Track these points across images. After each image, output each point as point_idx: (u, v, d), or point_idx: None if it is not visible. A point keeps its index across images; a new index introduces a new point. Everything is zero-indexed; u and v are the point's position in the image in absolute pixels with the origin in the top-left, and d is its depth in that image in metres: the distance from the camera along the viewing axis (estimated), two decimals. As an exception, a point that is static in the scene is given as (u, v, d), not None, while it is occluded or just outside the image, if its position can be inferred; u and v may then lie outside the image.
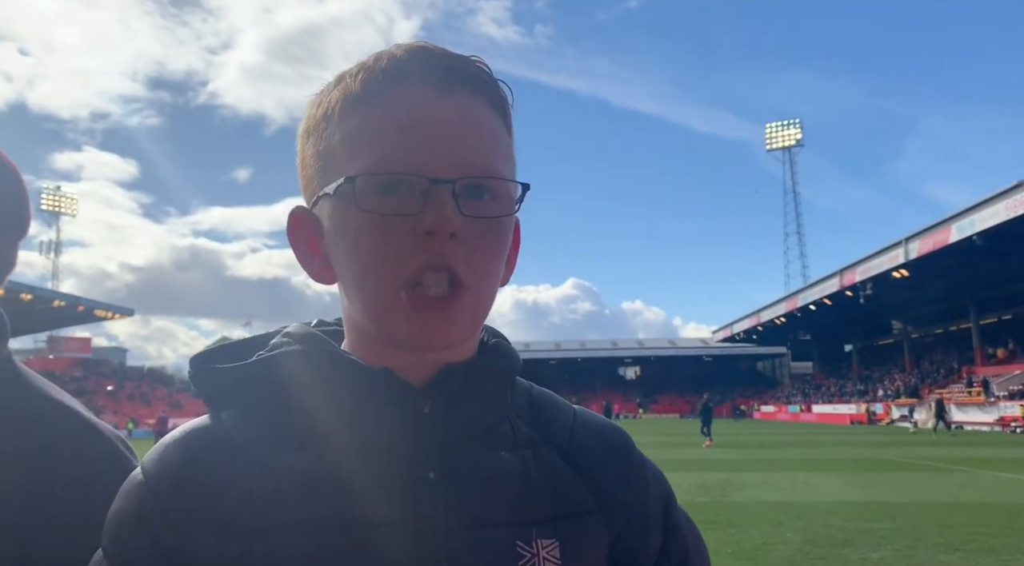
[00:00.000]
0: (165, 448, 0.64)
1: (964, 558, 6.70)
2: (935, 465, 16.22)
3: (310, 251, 0.68)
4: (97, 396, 56.80)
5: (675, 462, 17.90)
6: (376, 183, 0.60)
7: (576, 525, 0.66)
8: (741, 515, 9.38)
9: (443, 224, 0.59)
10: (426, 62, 0.62)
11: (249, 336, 0.74)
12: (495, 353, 0.69)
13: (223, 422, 0.65)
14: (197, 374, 0.69)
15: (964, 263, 38.08)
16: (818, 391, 64.20)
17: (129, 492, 0.64)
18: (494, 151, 0.64)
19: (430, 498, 0.61)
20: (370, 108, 0.62)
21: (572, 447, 0.70)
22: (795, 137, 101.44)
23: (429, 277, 0.60)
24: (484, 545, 0.61)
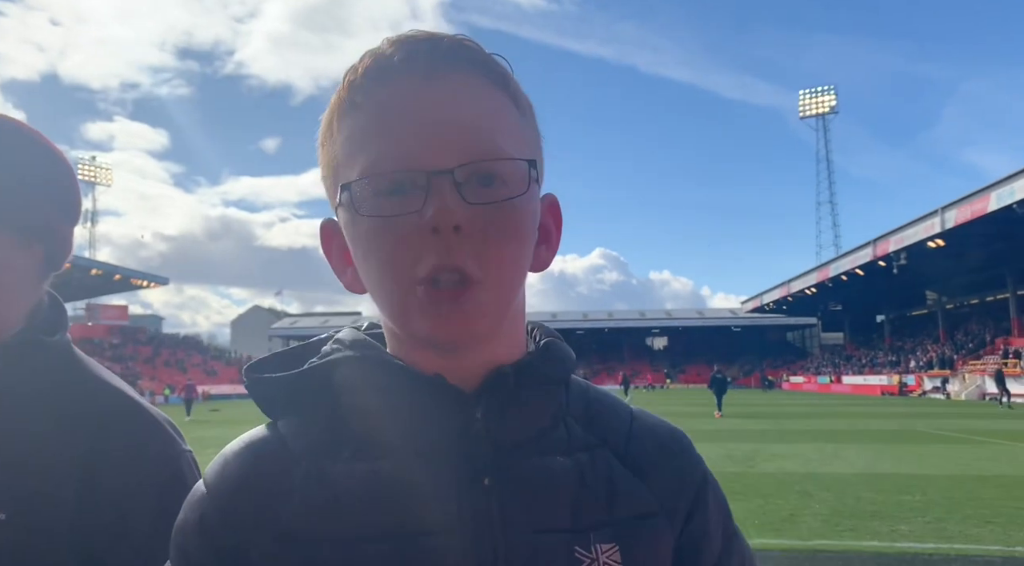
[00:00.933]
0: (225, 460, 0.65)
1: (995, 531, 6.66)
2: (967, 437, 16.04)
3: (344, 262, 0.67)
4: (135, 362, 58.21)
5: (703, 432, 17.92)
6: (372, 186, 0.59)
7: (638, 528, 0.64)
8: (769, 486, 9.40)
9: (444, 218, 0.56)
10: (408, 51, 0.60)
11: (305, 342, 0.74)
12: (547, 354, 0.67)
13: (280, 431, 0.66)
14: (252, 384, 0.69)
15: (1003, 232, 37.17)
16: (848, 362, 63.56)
17: (192, 504, 0.65)
18: (494, 130, 0.60)
19: (485, 505, 0.60)
20: (359, 111, 0.61)
21: (630, 449, 0.69)
22: (829, 104, 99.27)
23: (443, 277, 0.58)
24: (541, 551, 0.60)
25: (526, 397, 0.64)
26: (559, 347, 0.69)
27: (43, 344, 0.93)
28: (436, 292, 0.58)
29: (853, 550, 6.08)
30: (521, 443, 0.64)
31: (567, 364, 0.69)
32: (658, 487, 0.68)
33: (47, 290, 1.00)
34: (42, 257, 0.96)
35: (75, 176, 1.00)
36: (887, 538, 6.48)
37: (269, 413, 0.69)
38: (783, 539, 6.49)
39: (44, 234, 0.95)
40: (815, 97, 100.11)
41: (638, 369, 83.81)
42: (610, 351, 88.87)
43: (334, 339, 0.70)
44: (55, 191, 0.97)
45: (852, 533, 6.68)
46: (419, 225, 0.57)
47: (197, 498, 0.65)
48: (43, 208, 0.95)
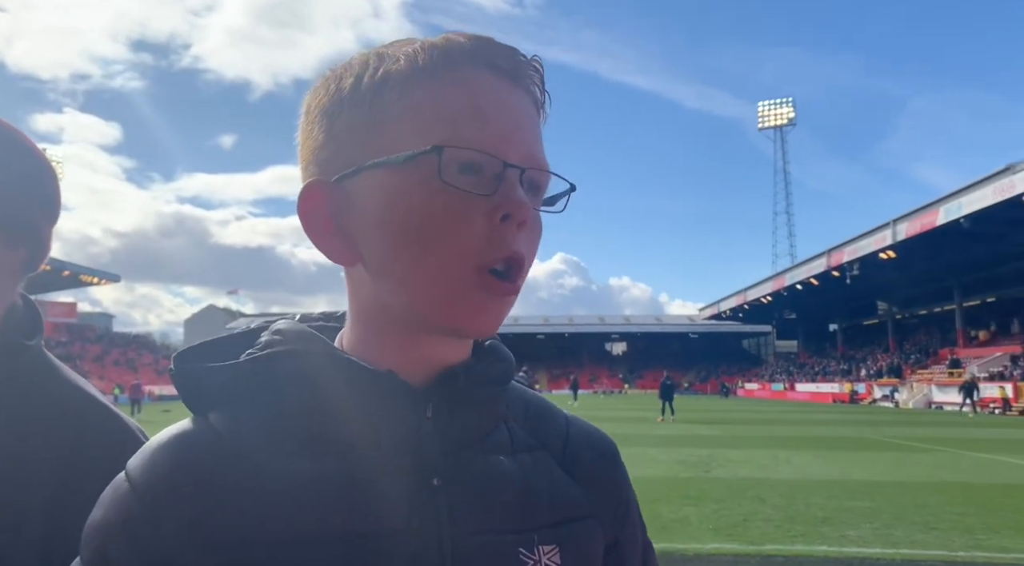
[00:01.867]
0: (152, 453, 0.60)
1: (940, 537, 6.85)
2: (915, 445, 16.48)
3: (325, 228, 0.63)
4: (83, 361, 56.65)
5: (659, 437, 18.10)
6: (457, 158, 0.57)
7: (575, 530, 0.66)
8: (724, 491, 9.52)
9: (520, 210, 0.57)
10: (497, 52, 0.61)
11: (237, 330, 0.70)
12: (493, 355, 0.68)
13: (214, 425, 0.61)
14: (182, 373, 0.64)
15: (950, 245, 38.39)
16: (802, 370, 64.84)
17: (115, 501, 0.58)
18: (543, 149, 0.63)
19: (434, 505, 0.60)
20: (441, 84, 0.59)
21: (567, 453, 0.71)
22: (787, 116, 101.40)
23: (500, 265, 0.58)
24: (488, 551, 0.60)
25: (474, 398, 0.64)
26: (502, 349, 0.70)
27: (23, 348, 0.91)
28: (498, 284, 0.58)
29: (804, 555, 6.19)
30: (468, 443, 0.64)
31: (510, 366, 0.69)
32: (593, 491, 0.70)
33: (20, 292, 0.97)
34: (25, 258, 0.94)
35: (55, 175, 0.97)
36: (836, 543, 6.61)
37: (196, 406, 0.64)
38: (736, 544, 6.57)
39: (28, 234, 0.93)
40: (774, 109, 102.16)
41: (597, 374, 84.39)
42: (570, 356, 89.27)
43: (274, 330, 0.66)
44: (38, 190, 0.95)
45: (803, 538, 6.80)
46: (490, 210, 0.57)
47: (120, 495, 0.58)
48: (29, 208, 0.93)
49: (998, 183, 30.46)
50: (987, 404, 33.62)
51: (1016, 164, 30.43)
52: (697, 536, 6.89)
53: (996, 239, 36.23)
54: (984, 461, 13.25)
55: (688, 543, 6.58)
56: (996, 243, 37.25)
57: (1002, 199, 29.83)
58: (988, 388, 34.79)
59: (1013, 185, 29.20)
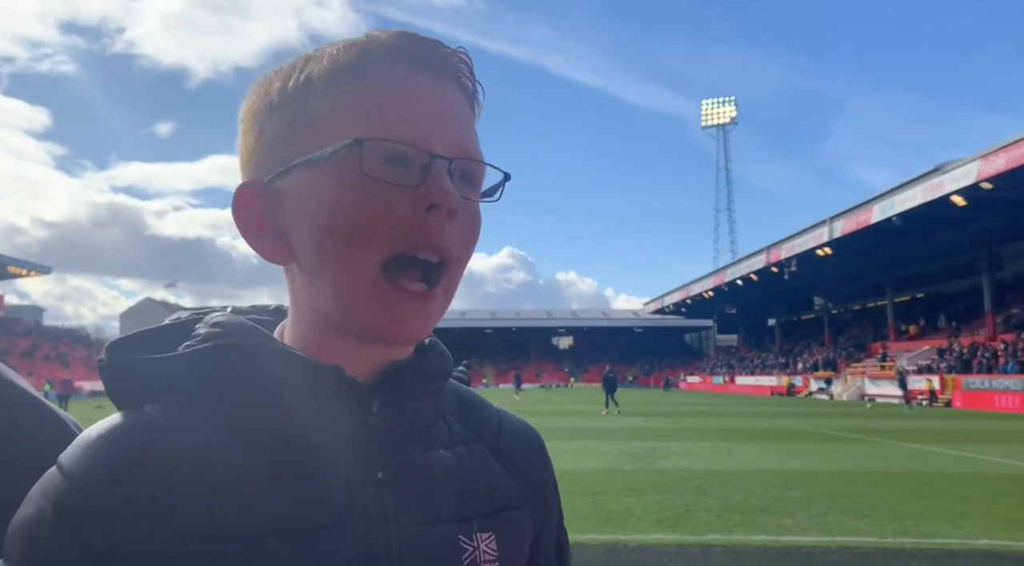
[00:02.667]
0: (88, 444, 0.57)
1: (871, 524, 7.11)
2: (848, 436, 17.06)
3: (258, 228, 0.63)
4: (11, 357, 54.32)
5: (603, 430, 18.32)
6: (381, 150, 0.57)
7: (509, 518, 0.69)
8: (666, 483, 9.69)
9: (447, 199, 0.57)
10: (420, 47, 0.61)
11: (165, 322, 0.69)
12: (433, 351, 0.70)
13: (153, 417, 0.59)
14: (115, 365, 0.62)
15: (883, 243, 39.76)
16: (742, 363, 66.40)
17: (46, 494, 0.55)
18: (476, 140, 0.63)
19: (379, 497, 0.61)
20: (365, 80, 0.59)
21: (500, 445, 0.74)
22: (730, 114, 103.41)
23: (422, 254, 0.59)
24: (431, 541, 0.62)
25: (417, 393, 0.66)
26: (440, 345, 0.72)
27: None
28: (400, 293, 0.58)
29: (743, 544, 6.34)
30: (411, 437, 0.66)
31: (449, 362, 0.72)
32: (523, 481, 0.73)
33: None
34: None
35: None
36: (774, 532, 6.80)
37: (126, 399, 0.62)
38: (678, 534, 6.70)
39: None
40: (717, 107, 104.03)
41: (543, 368, 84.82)
42: (517, 350, 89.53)
43: (212, 322, 0.65)
44: None
45: (742, 528, 6.97)
46: (414, 201, 0.57)
47: (52, 487, 0.55)
48: None
49: (927, 183, 31.66)
50: (916, 396, 34.99)
51: (944, 165, 31.71)
52: (640, 527, 7.00)
53: (925, 237, 37.68)
54: (913, 451, 13.80)
55: (631, 534, 6.68)
56: (925, 241, 38.75)
57: (931, 198, 30.99)
58: (916, 381, 36.19)
59: (942, 185, 30.38)
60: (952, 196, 29.97)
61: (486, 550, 0.65)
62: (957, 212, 31.75)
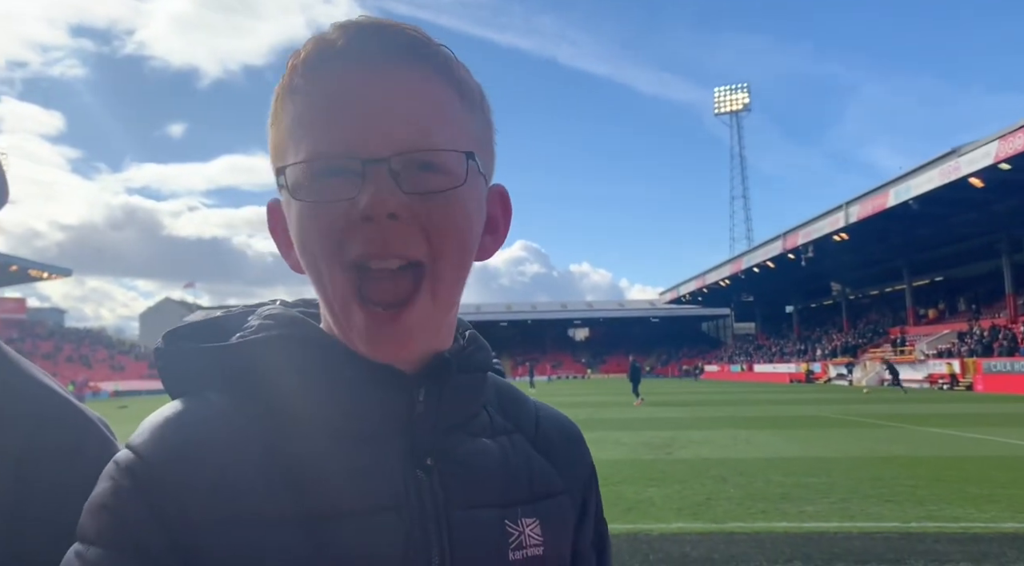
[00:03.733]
0: (156, 426, 0.59)
1: (894, 509, 7.07)
2: (868, 421, 16.96)
3: (288, 243, 0.66)
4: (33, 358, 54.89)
5: (621, 420, 18.32)
6: (308, 170, 0.59)
7: (551, 506, 0.70)
8: (686, 472, 9.69)
9: (378, 206, 0.57)
10: (352, 37, 0.60)
11: (218, 313, 0.72)
12: (475, 343, 0.71)
13: (213, 404, 0.62)
14: (172, 353, 0.65)
15: (900, 227, 39.38)
16: (760, 351, 66.06)
17: (119, 470, 0.57)
18: (432, 121, 0.60)
19: (428, 484, 0.63)
20: (301, 96, 0.61)
21: (539, 436, 0.76)
22: (743, 101, 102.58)
23: (376, 263, 0.59)
24: (479, 526, 0.64)
25: (461, 383, 0.68)
26: (480, 338, 0.74)
27: None
28: (370, 315, 0.59)
29: (764, 531, 6.33)
30: (455, 426, 0.68)
31: (489, 353, 0.74)
32: (563, 470, 0.75)
33: None
34: None
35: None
36: (795, 519, 6.78)
37: (182, 387, 0.64)
38: (699, 522, 6.70)
39: None
40: (730, 94, 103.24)
41: (560, 360, 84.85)
42: (533, 342, 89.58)
43: (264, 315, 0.68)
44: None
45: (763, 515, 6.96)
46: (348, 212, 0.58)
47: (125, 465, 0.57)
48: None
49: (944, 166, 31.28)
50: (936, 380, 34.69)
51: (961, 147, 31.30)
52: (661, 516, 7.01)
53: (943, 220, 37.27)
54: (934, 435, 13.69)
55: (652, 523, 6.70)
56: (943, 224, 38.32)
57: (948, 181, 30.65)
58: (936, 365, 35.89)
59: (958, 167, 30.03)
60: (970, 178, 29.63)
61: (531, 535, 0.66)
62: (975, 194, 31.42)
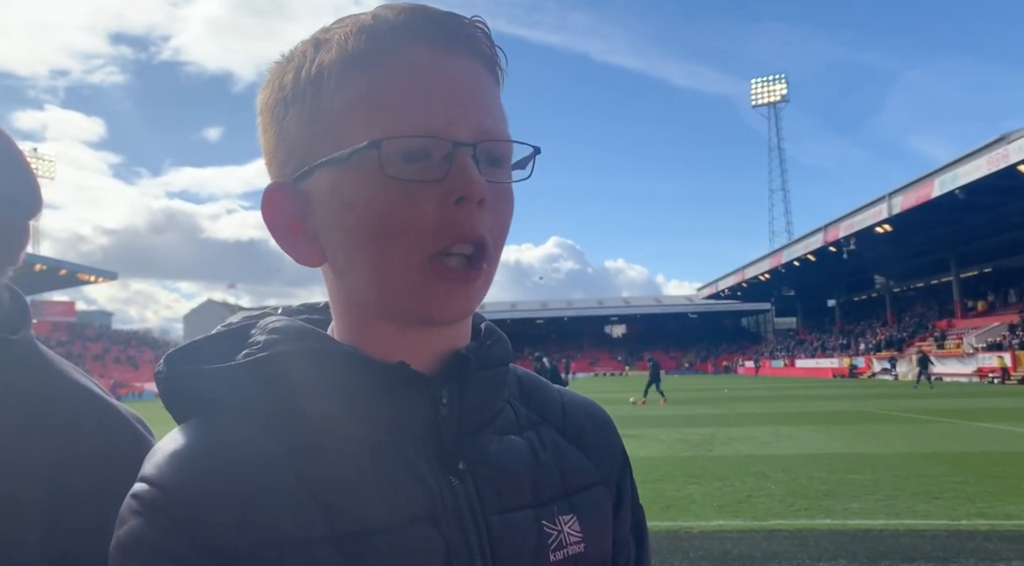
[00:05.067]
0: (173, 456, 0.56)
1: (942, 506, 6.90)
2: (915, 417, 16.57)
3: (290, 230, 0.62)
4: (83, 360, 56.58)
5: (661, 417, 18.17)
6: (400, 147, 0.55)
7: (588, 498, 0.68)
8: (726, 468, 9.57)
9: (474, 190, 0.55)
10: (429, 21, 0.58)
11: (217, 329, 0.68)
12: (492, 337, 0.68)
13: (229, 428, 0.59)
14: (175, 376, 0.62)
15: (946, 217, 38.40)
16: (801, 346, 65.02)
17: (147, 509, 0.54)
18: (500, 115, 0.60)
19: (463, 488, 0.60)
20: (376, 69, 0.57)
21: (568, 425, 0.72)
22: (780, 93, 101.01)
23: (459, 248, 0.57)
24: (517, 529, 0.61)
25: (483, 380, 0.64)
26: (497, 330, 0.70)
27: (6, 342, 0.89)
28: (444, 271, 0.57)
29: (807, 528, 6.23)
30: (482, 425, 0.64)
31: (508, 346, 0.70)
32: (595, 458, 0.72)
33: (6, 284, 0.95)
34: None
35: (24, 162, 0.94)
36: (839, 516, 6.65)
37: (187, 411, 0.61)
38: (740, 520, 6.62)
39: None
40: (767, 85, 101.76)
41: (597, 357, 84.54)
42: (570, 339, 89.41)
43: (269, 329, 0.63)
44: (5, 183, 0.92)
45: (806, 512, 6.84)
46: (441, 195, 0.55)
47: (151, 502, 0.54)
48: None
49: (992, 153, 30.43)
50: (986, 374, 33.77)
51: (1010, 134, 30.41)
52: (701, 514, 6.93)
53: (991, 209, 36.25)
54: (983, 430, 13.32)
55: (693, 521, 6.63)
56: (991, 213, 37.27)
57: (996, 169, 29.81)
58: (986, 358, 34.93)
59: (1007, 155, 29.17)
60: (1019, 166, 28.74)
61: (570, 533, 0.64)
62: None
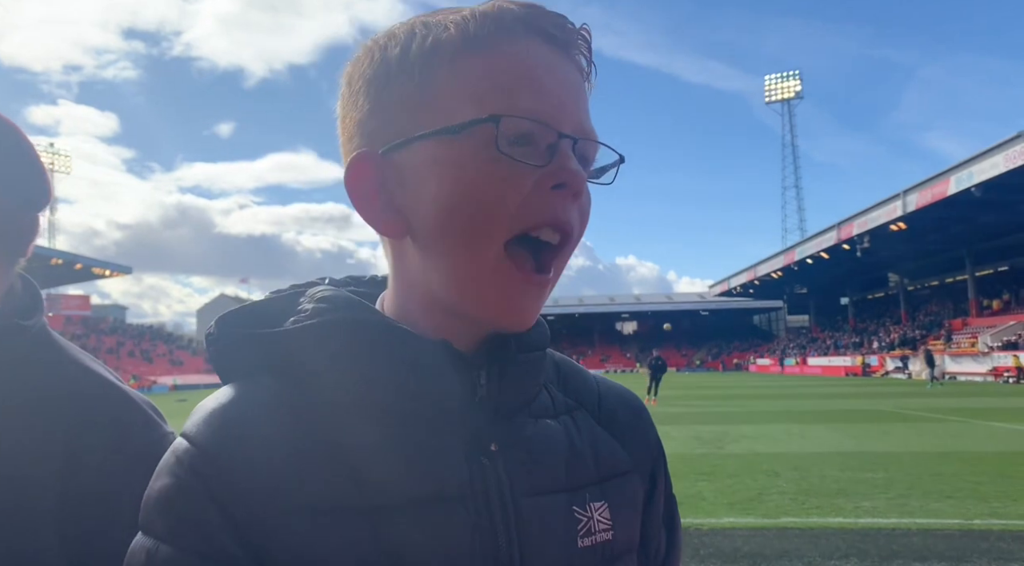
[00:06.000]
0: (214, 415, 0.58)
1: (955, 506, 6.85)
2: (928, 416, 16.45)
3: (374, 200, 0.62)
4: (98, 353, 57.03)
5: (672, 415, 18.13)
6: (512, 128, 0.56)
7: (619, 486, 0.68)
8: (738, 466, 9.54)
9: (575, 179, 0.57)
10: (548, 20, 0.60)
11: (266, 296, 0.70)
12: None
13: (268, 388, 0.60)
14: (226, 338, 0.64)
15: (962, 215, 38.02)
16: (814, 344, 64.65)
17: (180, 463, 0.56)
18: (591, 121, 0.62)
19: (493, 469, 0.61)
20: (498, 53, 0.58)
21: (603, 411, 0.73)
22: (794, 89, 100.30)
23: (546, 233, 0.58)
24: (546, 513, 0.61)
25: (522, 363, 0.65)
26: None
27: (19, 329, 0.91)
28: (525, 275, 0.58)
29: (819, 526, 6.20)
30: (518, 408, 0.65)
31: (546, 331, 0.70)
32: (630, 446, 0.72)
33: (19, 274, 0.97)
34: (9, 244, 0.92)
35: (34, 155, 0.96)
36: (851, 514, 6.62)
37: (235, 373, 0.63)
38: (752, 517, 6.60)
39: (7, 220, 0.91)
40: (781, 82, 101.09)
41: (608, 354, 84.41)
42: (581, 336, 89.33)
43: (318, 298, 0.64)
44: (8, 172, 0.93)
45: (818, 510, 6.81)
46: (541, 179, 0.57)
47: (185, 457, 0.56)
48: (6, 192, 0.90)
49: (1009, 150, 30.08)
50: (1001, 373, 33.48)
51: (1027, 131, 30.05)
52: (712, 511, 6.92)
53: (1008, 207, 35.83)
54: (998, 430, 13.22)
55: (703, 518, 6.61)
56: (1008, 211, 36.85)
57: (1013, 166, 29.47)
58: (1001, 357, 34.62)
59: (1025, 152, 28.85)
60: (1037, 163, 28.44)
61: (600, 519, 0.64)
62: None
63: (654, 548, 0.74)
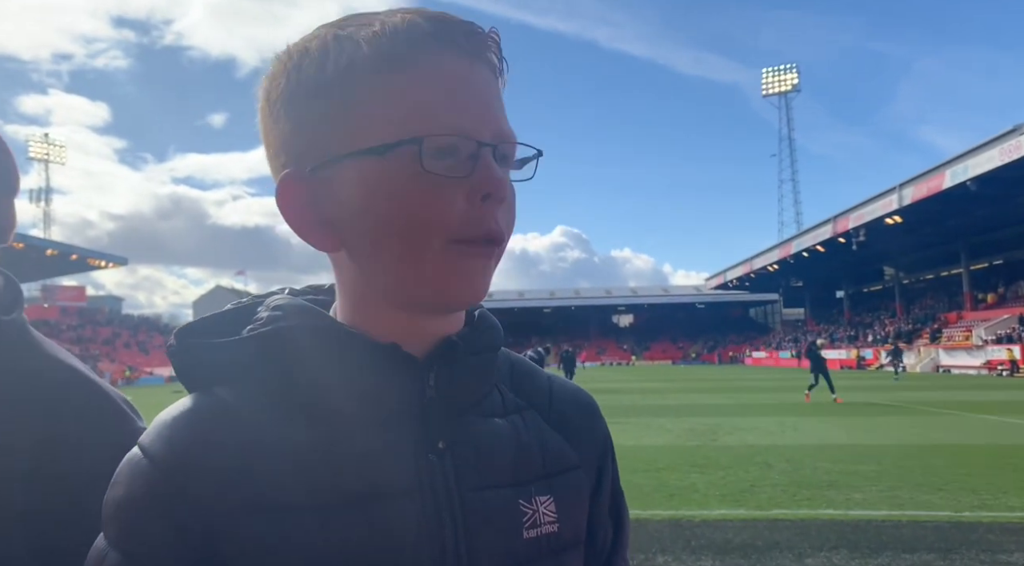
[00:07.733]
0: (168, 427, 0.61)
1: (945, 498, 6.91)
2: (921, 408, 16.55)
3: (307, 218, 0.64)
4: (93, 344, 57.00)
5: (667, 407, 18.21)
6: (435, 144, 0.58)
7: (565, 481, 0.71)
8: (731, 458, 9.60)
9: (500, 187, 0.60)
10: (457, 30, 0.62)
11: (229, 307, 0.73)
12: (484, 323, 0.72)
13: (222, 399, 0.63)
14: (184, 349, 0.66)
15: (957, 209, 38.11)
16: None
17: (135, 476, 0.60)
18: (507, 119, 0.65)
19: (441, 466, 0.64)
20: (413, 72, 0.60)
21: (552, 410, 0.76)
22: (791, 82, 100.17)
23: (481, 242, 0.61)
24: (492, 507, 0.64)
25: (471, 364, 0.68)
26: (490, 317, 0.74)
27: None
28: (470, 248, 0.61)
29: (810, 518, 6.25)
30: (467, 407, 0.68)
31: (499, 333, 0.73)
32: (577, 443, 0.75)
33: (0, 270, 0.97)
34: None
35: (4, 145, 0.95)
36: (842, 506, 6.67)
37: (196, 382, 0.66)
38: (743, 509, 6.65)
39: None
40: (777, 75, 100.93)
41: (604, 346, 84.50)
42: (577, 328, 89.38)
43: (273, 306, 0.68)
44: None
45: (809, 502, 6.87)
46: (468, 191, 0.60)
47: (140, 470, 0.60)
48: None
49: (1005, 144, 30.14)
50: (995, 366, 33.64)
51: (1023, 125, 30.09)
52: (704, 503, 6.97)
53: (1003, 201, 35.94)
54: (990, 423, 13.30)
55: (695, 510, 6.66)
56: (1003, 205, 36.97)
57: (1009, 160, 29.54)
58: (995, 350, 34.78)
59: (1020, 146, 28.89)
60: (1032, 157, 28.48)
61: (545, 512, 0.67)
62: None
63: (601, 540, 0.77)
